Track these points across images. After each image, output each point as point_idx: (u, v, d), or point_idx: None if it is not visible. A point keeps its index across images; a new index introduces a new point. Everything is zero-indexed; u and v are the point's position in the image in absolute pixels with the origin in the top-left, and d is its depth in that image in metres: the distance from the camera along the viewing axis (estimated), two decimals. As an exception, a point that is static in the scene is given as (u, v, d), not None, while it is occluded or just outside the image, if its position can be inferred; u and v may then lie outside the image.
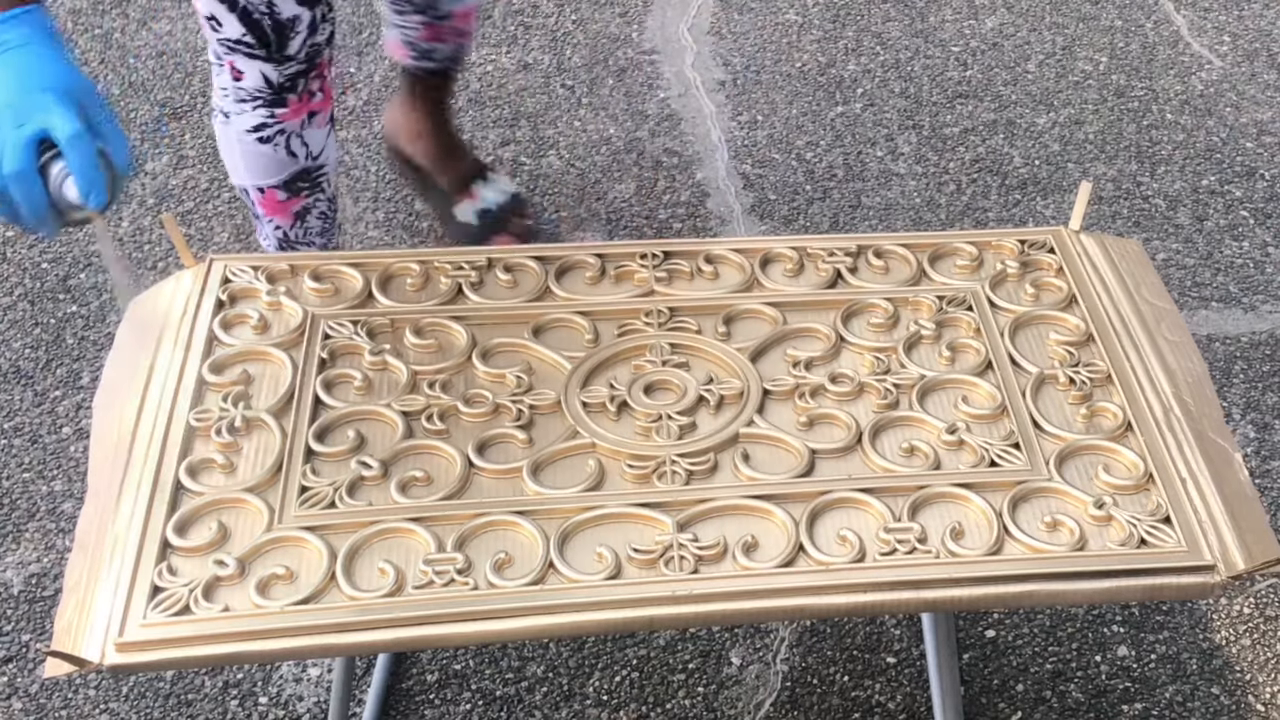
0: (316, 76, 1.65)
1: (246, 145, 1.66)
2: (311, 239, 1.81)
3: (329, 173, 1.76)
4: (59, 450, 1.85)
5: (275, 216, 1.76)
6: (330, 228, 1.83)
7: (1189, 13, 2.73)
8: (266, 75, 1.60)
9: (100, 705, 1.57)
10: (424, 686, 1.60)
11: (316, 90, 1.66)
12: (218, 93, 1.65)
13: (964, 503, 1.10)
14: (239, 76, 1.60)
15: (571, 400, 1.18)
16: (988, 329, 1.26)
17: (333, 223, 1.83)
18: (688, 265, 1.32)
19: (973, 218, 2.26)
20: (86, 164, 1.08)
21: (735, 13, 2.69)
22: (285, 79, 1.61)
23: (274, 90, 1.61)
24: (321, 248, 1.82)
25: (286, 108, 1.64)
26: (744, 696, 1.60)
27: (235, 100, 1.63)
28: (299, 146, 1.68)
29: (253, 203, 1.75)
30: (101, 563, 1.03)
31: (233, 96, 1.63)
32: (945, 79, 2.54)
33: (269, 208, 1.74)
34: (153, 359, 1.19)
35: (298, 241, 1.80)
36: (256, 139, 1.65)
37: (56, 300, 2.07)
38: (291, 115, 1.65)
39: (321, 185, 1.75)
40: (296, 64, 1.60)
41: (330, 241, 1.85)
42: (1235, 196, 2.31)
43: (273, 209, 1.74)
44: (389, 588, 1.01)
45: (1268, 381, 1.99)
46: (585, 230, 2.20)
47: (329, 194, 1.78)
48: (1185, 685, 1.62)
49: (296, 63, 1.60)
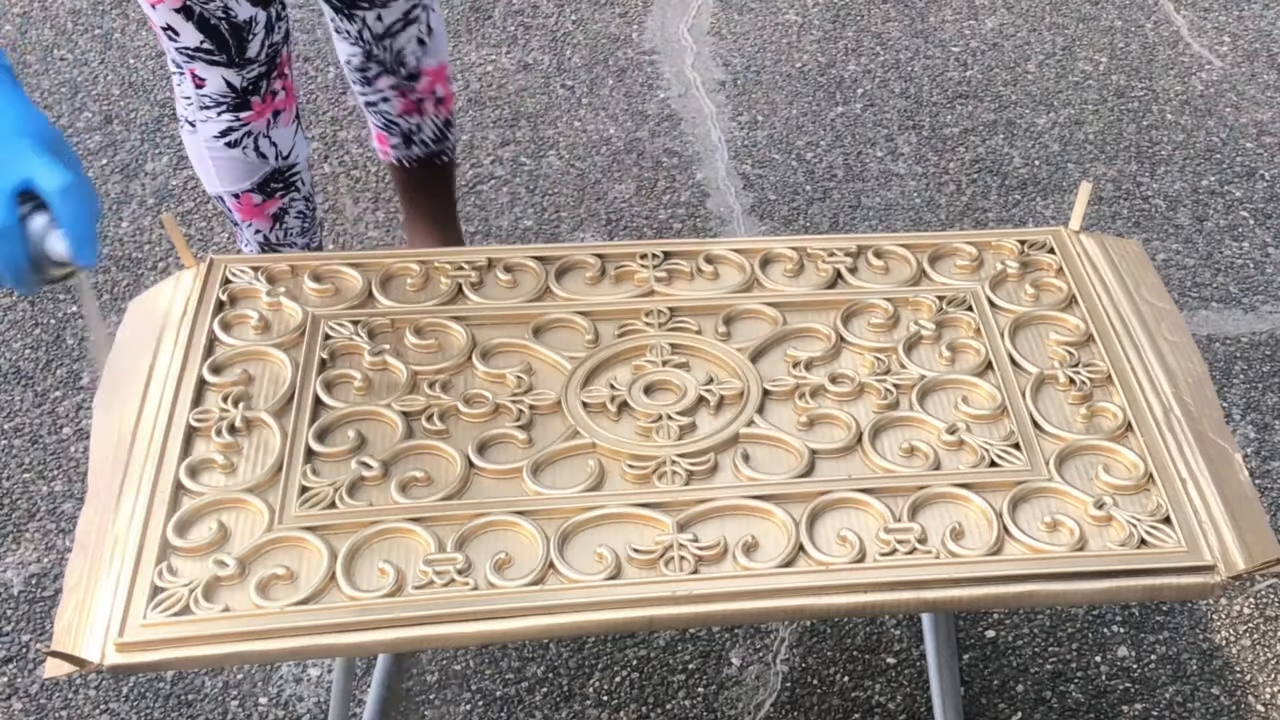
0: (278, 76, 1.65)
1: (216, 151, 1.67)
2: (292, 239, 1.81)
3: (301, 170, 1.76)
4: (59, 451, 1.85)
5: (254, 220, 1.76)
6: (310, 226, 1.83)
7: (1189, 13, 2.73)
8: (229, 80, 1.60)
9: (100, 705, 1.58)
10: (424, 687, 1.60)
11: (279, 89, 1.66)
12: (181, 102, 1.65)
13: (964, 503, 1.10)
14: (201, 84, 1.60)
15: (572, 400, 1.18)
16: (988, 329, 1.26)
17: (313, 221, 1.84)
18: (688, 265, 1.32)
19: (973, 218, 2.26)
20: (81, 218, 0.98)
21: (735, 13, 2.70)
22: (248, 82, 1.61)
23: (237, 94, 1.61)
24: (304, 247, 1.83)
25: (251, 110, 1.64)
26: (744, 697, 1.60)
27: (199, 108, 1.63)
28: (268, 147, 1.69)
29: (229, 209, 1.75)
30: (102, 563, 1.03)
31: (196, 104, 1.63)
32: (945, 79, 2.54)
33: (246, 212, 1.75)
34: (153, 359, 1.19)
35: (279, 244, 1.80)
36: (225, 144, 1.66)
37: (57, 301, 2.07)
38: (256, 117, 1.65)
39: (295, 184, 1.76)
40: (257, 66, 1.60)
41: (312, 240, 1.85)
42: (1235, 197, 2.31)
43: (250, 213, 1.75)
44: (389, 588, 1.01)
45: (1268, 382, 2.00)
46: (585, 231, 2.21)
47: (304, 192, 1.79)
48: (1185, 686, 1.62)
49: (257, 65, 1.60)
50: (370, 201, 2.25)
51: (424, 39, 1.75)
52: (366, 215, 2.22)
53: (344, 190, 2.27)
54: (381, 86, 1.79)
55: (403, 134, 1.86)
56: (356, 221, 2.21)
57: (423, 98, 1.81)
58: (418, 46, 1.75)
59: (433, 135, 1.87)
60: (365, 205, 2.24)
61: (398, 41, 1.72)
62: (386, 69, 1.76)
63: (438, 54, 1.79)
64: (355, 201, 2.24)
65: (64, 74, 2.49)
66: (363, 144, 2.35)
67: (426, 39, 1.75)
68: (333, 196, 2.25)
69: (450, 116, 1.87)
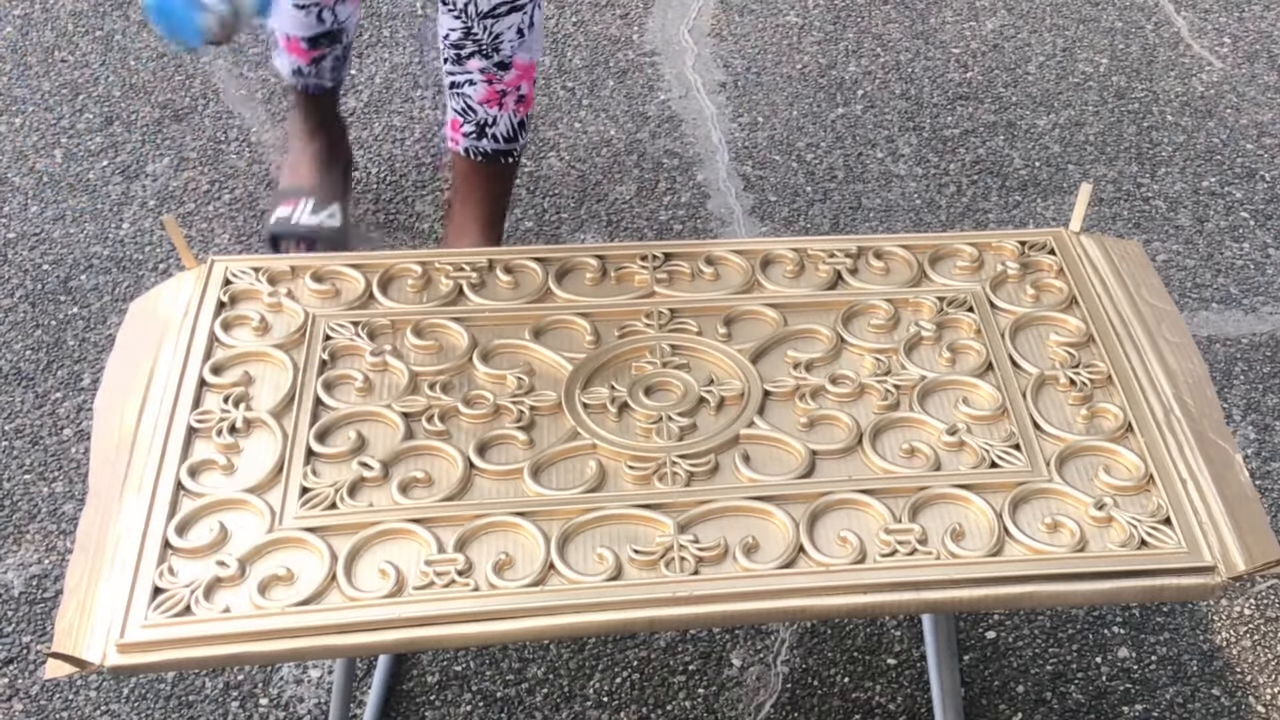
0: None
1: (285, 6, 1.92)
2: (323, 75, 2.03)
3: (348, 31, 2.00)
4: (60, 452, 1.85)
5: (295, 56, 2.00)
6: (340, 68, 2.06)
7: (1189, 14, 2.73)
8: None
9: (101, 707, 1.57)
10: (424, 688, 1.60)
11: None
12: None
13: (964, 504, 1.10)
14: None
15: (572, 401, 1.18)
16: (988, 330, 1.26)
17: (344, 64, 2.06)
18: (688, 267, 1.32)
19: (973, 219, 2.26)
20: None
21: (736, 14, 2.70)
22: None
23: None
24: (330, 81, 2.05)
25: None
26: (744, 698, 1.60)
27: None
28: (328, 16, 1.93)
29: (276, 39, 2.00)
30: (102, 564, 1.03)
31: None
32: (946, 81, 2.54)
33: (290, 48, 1.99)
34: (154, 360, 1.19)
35: (309, 77, 2.02)
36: (294, 5, 1.91)
37: (58, 302, 2.07)
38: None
39: (339, 39, 1.99)
40: None
41: (339, 78, 2.07)
42: (1236, 198, 2.31)
43: (294, 51, 1.99)
44: (389, 589, 1.01)
45: (1268, 383, 1.99)
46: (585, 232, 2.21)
47: (344, 44, 2.02)
48: (1186, 687, 1.62)
49: None
50: (371, 203, 2.25)
51: (524, 30, 1.80)
52: (367, 216, 2.22)
53: (345, 191, 2.27)
54: (471, 68, 1.83)
55: (477, 124, 1.89)
56: (357, 223, 2.21)
57: (506, 90, 1.85)
58: (516, 36, 1.79)
59: (506, 132, 1.90)
60: (366, 206, 2.24)
61: (499, 25, 1.77)
62: (481, 51, 1.81)
63: (532, 50, 1.84)
64: (356, 203, 2.24)
65: (65, 75, 2.49)
66: (363, 145, 2.35)
67: (526, 31, 1.80)
68: (333, 198, 2.26)
69: (527, 119, 1.91)
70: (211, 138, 2.36)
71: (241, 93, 2.42)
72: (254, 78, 2.47)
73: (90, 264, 2.13)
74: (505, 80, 1.83)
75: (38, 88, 2.47)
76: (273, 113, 2.39)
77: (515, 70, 1.83)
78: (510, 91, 1.85)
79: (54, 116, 2.40)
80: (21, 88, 2.46)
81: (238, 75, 2.45)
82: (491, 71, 1.82)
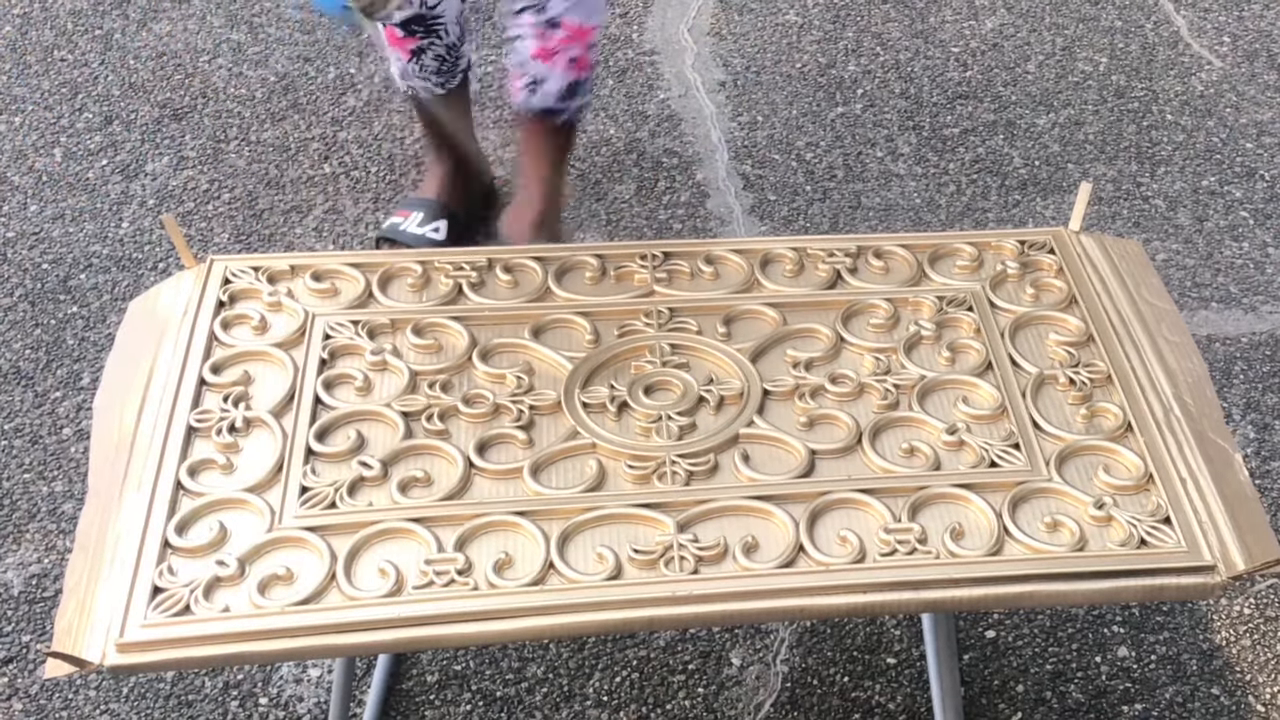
0: None
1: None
2: (427, 76, 2.01)
3: (446, 22, 1.94)
4: (59, 451, 1.85)
5: (396, 49, 1.98)
6: (448, 71, 2.01)
7: (1189, 13, 2.73)
8: None
9: (101, 706, 1.57)
10: (424, 687, 1.60)
11: None
12: None
13: (964, 503, 1.10)
14: None
15: (572, 401, 1.18)
16: (988, 329, 1.26)
17: (453, 68, 2.02)
18: (688, 266, 1.32)
19: (972, 218, 2.26)
20: None
21: (735, 14, 2.70)
22: None
23: None
24: (438, 86, 2.02)
25: None
26: (744, 697, 1.60)
27: None
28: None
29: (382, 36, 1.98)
30: (102, 563, 1.03)
31: None
32: (945, 80, 2.54)
33: (390, 40, 1.98)
34: (153, 360, 1.19)
35: (413, 76, 2.01)
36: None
37: (57, 301, 2.07)
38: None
39: (437, 31, 1.94)
40: None
41: (448, 83, 2.03)
42: (1235, 197, 2.31)
43: (394, 42, 1.97)
44: (389, 588, 1.01)
45: (1268, 382, 2.00)
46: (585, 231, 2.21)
47: (447, 41, 1.97)
48: (1185, 686, 1.62)
49: None
50: (370, 202, 2.25)
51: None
52: (367, 216, 2.22)
53: (344, 190, 2.26)
54: (523, 22, 1.88)
55: (531, 79, 1.93)
56: (357, 222, 2.21)
57: (557, 50, 1.88)
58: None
59: (557, 91, 1.93)
60: (365, 206, 2.24)
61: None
62: (532, 5, 1.85)
63: (585, 13, 1.86)
64: (355, 202, 2.24)
65: (64, 74, 2.49)
66: (363, 144, 2.35)
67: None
68: (333, 196, 2.25)
69: (581, 80, 1.93)
70: (211, 137, 2.36)
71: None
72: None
73: (89, 263, 2.13)
74: (555, 39, 1.87)
75: (37, 87, 2.47)
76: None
77: (564, 30, 1.86)
78: (561, 51, 1.88)
79: (53, 115, 2.40)
80: (21, 86, 2.46)
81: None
82: (541, 28, 1.87)
